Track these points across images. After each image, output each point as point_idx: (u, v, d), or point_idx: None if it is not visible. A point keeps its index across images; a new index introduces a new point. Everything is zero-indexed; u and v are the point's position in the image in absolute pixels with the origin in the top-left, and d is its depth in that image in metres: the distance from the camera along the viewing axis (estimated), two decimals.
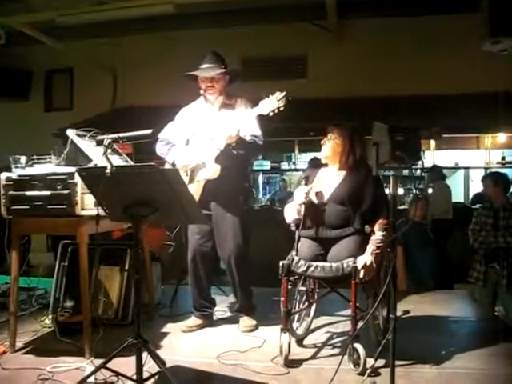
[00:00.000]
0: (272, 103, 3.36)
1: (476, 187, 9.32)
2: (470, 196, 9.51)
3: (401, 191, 8.92)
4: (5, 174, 3.33)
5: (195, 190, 3.67)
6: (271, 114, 3.38)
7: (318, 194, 3.39)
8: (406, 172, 8.01)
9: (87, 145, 3.59)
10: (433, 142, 8.76)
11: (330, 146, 3.42)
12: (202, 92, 3.86)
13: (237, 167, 3.78)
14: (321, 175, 3.50)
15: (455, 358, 3.21)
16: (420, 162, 2.91)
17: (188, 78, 3.90)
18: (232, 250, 3.79)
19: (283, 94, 3.34)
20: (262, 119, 3.62)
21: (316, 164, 3.69)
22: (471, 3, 6.86)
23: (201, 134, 3.75)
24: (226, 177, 3.66)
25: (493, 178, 5.07)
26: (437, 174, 7.64)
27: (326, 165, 3.53)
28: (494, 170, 8.15)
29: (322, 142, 3.46)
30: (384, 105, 8.13)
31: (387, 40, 8.46)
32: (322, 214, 3.32)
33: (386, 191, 3.46)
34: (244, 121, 3.54)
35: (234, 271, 3.84)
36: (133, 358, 2.67)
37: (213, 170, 3.61)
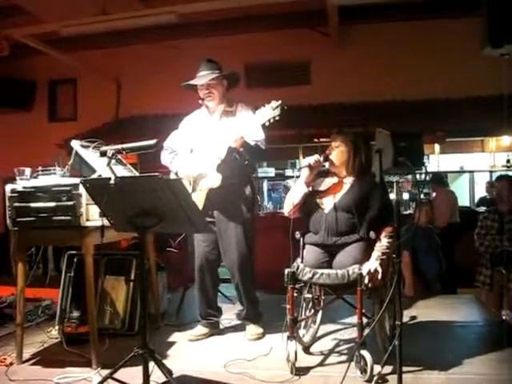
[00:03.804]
0: (268, 112, 3.37)
1: (481, 190, 9.30)
2: (476, 199, 9.49)
3: (406, 196, 8.90)
4: (10, 186, 3.34)
5: (198, 198, 3.68)
6: (267, 123, 3.41)
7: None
8: (410, 177, 8.09)
9: (91, 156, 3.61)
10: (437, 147, 8.75)
11: (335, 155, 3.41)
12: (200, 101, 3.88)
13: (240, 175, 3.78)
14: (327, 183, 3.49)
15: (463, 363, 3.18)
16: (423, 168, 2.91)
17: (188, 88, 3.91)
18: (236, 257, 3.79)
19: (278, 103, 3.36)
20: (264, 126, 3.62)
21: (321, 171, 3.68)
22: (473, 7, 6.87)
23: (203, 143, 3.76)
24: (229, 185, 3.67)
25: (510, 182, 5.03)
26: (437, 182, 7.63)
27: (331, 173, 3.52)
28: (499, 173, 8.12)
29: (327, 151, 3.43)
30: (387, 110, 8.15)
31: (390, 45, 8.49)
32: (328, 221, 3.32)
33: (391, 197, 3.46)
34: (245, 126, 3.54)
35: (238, 279, 3.84)
36: (139, 368, 2.68)
37: (214, 179, 3.62)
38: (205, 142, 3.74)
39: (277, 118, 3.37)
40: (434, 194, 7.89)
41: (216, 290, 4.09)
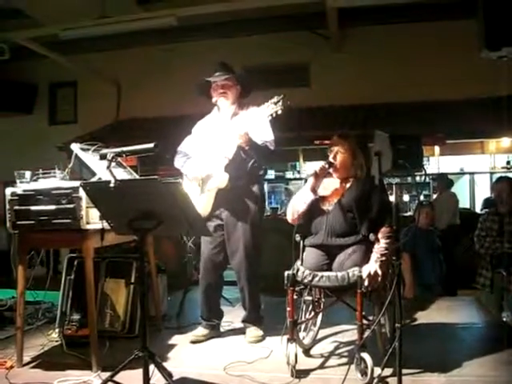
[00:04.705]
0: (270, 107, 3.38)
1: (482, 192, 9.30)
2: (476, 201, 9.48)
3: (406, 198, 8.91)
4: (10, 189, 3.35)
5: (206, 199, 3.69)
6: (269, 118, 3.43)
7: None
8: (410, 179, 8.09)
9: (91, 158, 3.61)
10: (437, 148, 8.75)
11: (340, 161, 3.40)
12: (214, 100, 3.91)
13: (248, 176, 3.79)
14: (327, 183, 3.49)
15: (463, 365, 3.18)
16: (422, 170, 2.92)
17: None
18: (243, 260, 3.79)
19: (280, 97, 3.37)
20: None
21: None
22: (472, 9, 6.88)
23: (212, 144, 3.77)
24: (238, 186, 3.68)
25: (510, 183, 5.01)
26: (444, 183, 7.62)
27: (330, 174, 3.52)
28: (499, 174, 8.12)
29: (331, 157, 3.41)
30: (387, 112, 8.15)
31: (389, 47, 8.48)
32: (329, 221, 3.32)
33: (391, 198, 3.47)
34: (252, 124, 3.55)
35: (244, 282, 3.84)
36: (140, 371, 2.68)
37: (221, 179, 3.62)
38: (214, 143, 3.76)
39: (279, 112, 3.39)
40: (434, 196, 7.87)
41: (220, 293, 4.10)
